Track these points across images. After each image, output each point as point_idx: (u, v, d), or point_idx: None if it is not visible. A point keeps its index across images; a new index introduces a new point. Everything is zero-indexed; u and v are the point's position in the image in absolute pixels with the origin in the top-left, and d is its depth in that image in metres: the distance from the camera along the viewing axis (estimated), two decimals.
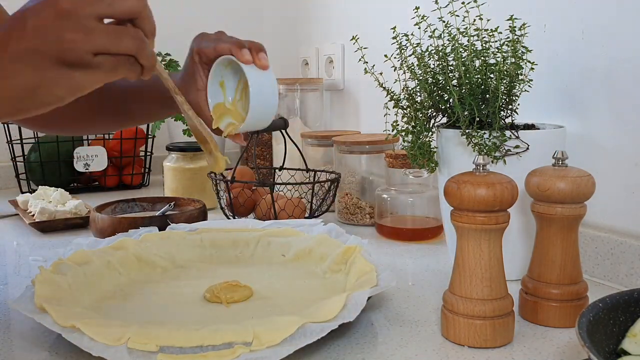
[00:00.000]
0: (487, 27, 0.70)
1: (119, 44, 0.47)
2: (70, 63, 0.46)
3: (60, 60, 0.45)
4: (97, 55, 0.46)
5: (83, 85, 0.47)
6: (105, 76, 0.47)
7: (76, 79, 0.46)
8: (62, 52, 0.45)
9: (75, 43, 0.45)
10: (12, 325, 0.62)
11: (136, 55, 0.48)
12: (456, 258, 0.57)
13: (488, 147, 0.68)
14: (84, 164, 1.36)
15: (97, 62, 0.46)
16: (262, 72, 0.62)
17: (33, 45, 0.45)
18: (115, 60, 0.47)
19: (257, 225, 0.85)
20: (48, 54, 0.45)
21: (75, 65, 0.46)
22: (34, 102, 0.47)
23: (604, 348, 0.47)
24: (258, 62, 0.61)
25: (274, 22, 1.71)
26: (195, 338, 0.50)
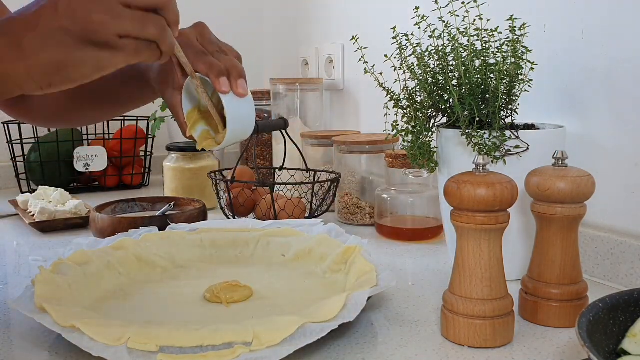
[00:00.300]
0: (487, 27, 0.70)
1: (143, 30, 0.49)
2: (96, 43, 0.49)
3: (88, 40, 0.48)
4: (122, 38, 0.49)
5: (107, 65, 0.50)
6: (128, 58, 0.50)
7: (101, 58, 0.49)
8: (90, 32, 0.48)
9: (102, 25, 0.48)
10: (12, 325, 0.62)
11: (158, 42, 0.51)
12: (456, 258, 0.57)
13: (488, 147, 0.68)
14: (84, 164, 1.36)
15: (122, 44, 0.49)
16: (240, 101, 0.61)
17: (63, 25, 0.48)
18: (138, 44, 0.50)
19: (257, 225, 0.85)
20: (77, 34, 0.48)
21: (101, 46, 0.49)
22: (62, 78, 0.50)
23: (604, 348, 0.47)
24: (236, 90, 0.60)
25: (274, 22, 1.71)
26: (195, 338, 0.50)
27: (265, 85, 1.42)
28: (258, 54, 1.73)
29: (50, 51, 0.48)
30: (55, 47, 0.48)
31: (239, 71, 0.61)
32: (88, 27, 0.48)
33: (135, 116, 1.45)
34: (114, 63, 0.50)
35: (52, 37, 0.48)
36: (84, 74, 0.50)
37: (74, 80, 0.50)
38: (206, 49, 0.63)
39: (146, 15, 0.50)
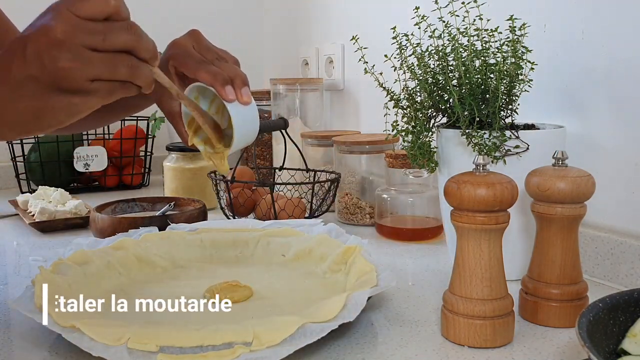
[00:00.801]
0: (487, 27, 0.70)
1: (114, 72, 0.48)
2: (68, 90, 0.47)
3: (58, 87, 0.47)
4: (93, 82, 0.48)
5: (82, 110, 0.49)
6: (102, 100, 0.49)
7: (74, 104, 0.48)
8: (59, 80, 0.47)
9: (70, 72, 0.46)
10: (12, 325, 0.62)
11: (131, 81, 0.50)
12: (456, 258, 0.57)
13: (488, 147, 0.68)
14: (84, 164, 1.36)
15: (94, 88, 0.48)
16: (245, 108, 0.61)
17: (32, 74, 0.47)
18: (111, 86, 0.49)
19: (257, 225, 0.85)
20: (46, 82, 0.47)
21: (73, 92, 0.48)
22: (38, 126, 0.50)
23: (604, 348, 0.47)
24: (241, 98, 0.60)
25: (274, 22, 1.71)
26: (195, 338, 0.50)
27: (265, 85, 1.42)
28: (258, 54, 1.73)
29: (23, 101, 0.48)
30: (26, 97, 0.47)
31: (242, 79, 0.61)
32: (57, 74, 0.46)
33: (135, 116, 1.45)
34: (89, 107, 0.49)
35: (23, 87, 0.47)
36: (59, 120, 0.49)
37: (50, 126, 0.50)
38: (205, 57, 0.62)
39: (115, 56, 0.48)
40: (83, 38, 0.46)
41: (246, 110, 0.61)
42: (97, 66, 0.47)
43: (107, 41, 0.47)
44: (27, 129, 0.50)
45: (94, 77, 0.47)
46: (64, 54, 0.46)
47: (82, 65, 0.46)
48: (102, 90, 0.48)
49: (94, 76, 0.47)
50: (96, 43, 0.47)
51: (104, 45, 0.47)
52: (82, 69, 0.47)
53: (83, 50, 0.46)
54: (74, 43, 0.46)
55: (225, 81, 0.59)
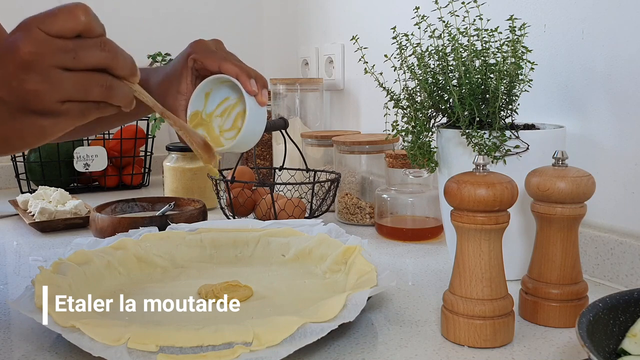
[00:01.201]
0: (487, 27, 0.70)
1: (86, 93, 0.45)
2: (37, 112, 0.45)
3: (27, 109, 0.44)
4: (65, 103, 0.45)
5: (52, 132, 0.47)
6: (74, 121, 0.46)
7: (44, 126, 0.46)
8: (27, 102, 0.44)
9: (39, 94, 0.44)
10: (12, 325, 0.62)
11: (106, 101, 0.47)
12: (456, 258, 0.57)
13: (488, 147, 0.68)
14: (84, 164, 1.36)
15: (65, 109, 0.45)
16: (260, 108, 0.62)
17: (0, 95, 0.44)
18: (84, 107, 0.46)
19: (257, 225, 0.85)
20: (15, 104, 0.44)
21: (42, 114, 0.45)
22: (6, 149, 0.48)
23: (604, 348, 0.47)
24: (260, 98, 0.61)
25: (274, 22, 1.71)
26: (195, 338, 0.50)
27: None
28: (258, 54, 1.73)
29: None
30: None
31: (264, 81, 0.62)
32: (25, 97, 0.44)
33: None
34: (59, 129, 0.46)
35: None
36: (28, 143, 0.47)
37: (19, 148, 0.48)
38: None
39: (88, 76, 0.45)
40: (52, 58, 0.43)
41: (260, 110, 0.62)
42: (68, 87, 0.44)
43: (78, 60, 0.44)
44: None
45: (65, 99, 0.45)
46: (32, 76, 0.43)
47: (51, 87, 0.44)
48: (73, 111, 0.45)
49: (64, 98, 0.44)
50: (67, 62, 0.44)
51: (75, 64, 0.44)
52: (52, 91, 0.44)
53: (53, 70, 0.44)
54: (43, 63, 0.43)
55: (249, 76, 0.60)
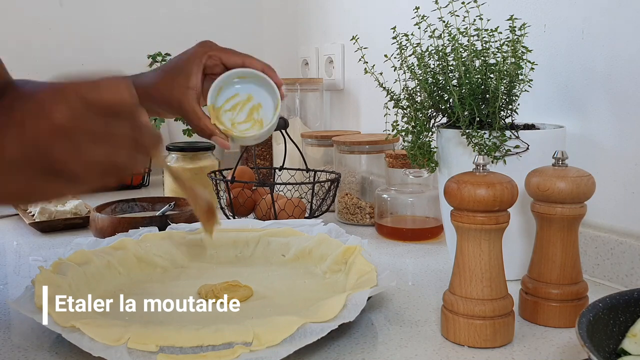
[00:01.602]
0: (487, 27, 0.70)
1: (111, 166, 0.46)
2: (59, 175, 0.45)
3: (51, 172, 0.45)
4: (88, 171, 0.46)
5: (69, 193, 0.48)
6: (93, 188, 0.47)
7: (63, 188, 0.46)
8: (52, 166, 0.44)
9: (66, 162, 0.44)
10: (12, 325, 0.62)
11: (127, 172, 0.48)
12: (456, 258, 0.57)
13: (488, 147, 0.68)
14: None
15: (86, 177, 0.46)
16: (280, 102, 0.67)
17: (26, 155, 0.44)
18: (105, 176, 0.47)
19: (257, 225, 0.85)
20: (40, 166, 0.44)
21: (64, 178, 0.45)
22: (26, 202, 0.50)
23: (604, 348, 0.47)
24: (282, 91, 0.66)
25: (274, 22, 1.71)
26: (195, 338, 0.50)
27: None
28: (258, 54, 1.72)
29: (14, 182, 0.45)
30: (18, 177, 0.45)
31: (280, 80, 0.67)
32: (50, 161, 0.44)
33: None
34: (78, 192, 0.48)
35: (16, 165, 0.44)
36: (47, 200, 0.49)
37: (35, 203, 0.50)
38: None
39: (116, 150, 0.46)
40: (86, 130, 0.44)
41: (281, 104, 0.67)
42: (95, 158, 0.45)
43: (110, 137, 0.45)
44: (16, 203, 0.50)
45: (90, 169, 0.45)
46: (63, 144, 0.43)
47: (78, 157, 0.44)
48: (94, 179, 0.46)
49: (89, 167, 0.45)
50: (99, 138, 0.45)
51: (106, 140, 0.45)
52: (78, 160, 0.44)
53: (84, 142, 0.44)
54: (76, 134, 0.44)
55: (272, 70, 0.66)
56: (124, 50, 1.55)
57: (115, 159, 0.46)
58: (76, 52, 1.52)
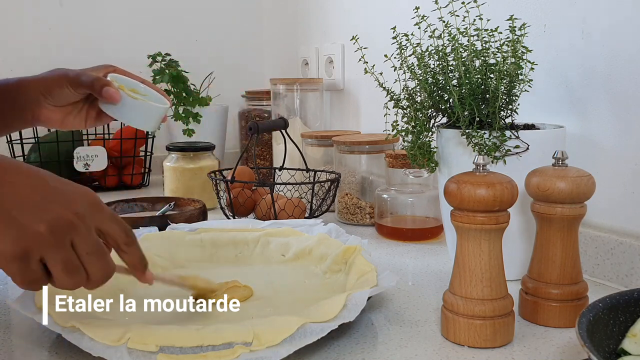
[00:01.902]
0: (487, 27, 0.70)
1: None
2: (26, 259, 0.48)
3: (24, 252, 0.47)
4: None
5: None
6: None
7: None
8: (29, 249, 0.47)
9: (46, 254, 0.47)
10: (12, 325, 0.62)
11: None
12: (456, 258, 0.57)
13: (488, 147, 0.68)
14: (84, 164, 1.36)
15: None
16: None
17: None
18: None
19: (257, 225, 0.85)
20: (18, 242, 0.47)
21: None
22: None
23: (604, 348, 0.47)
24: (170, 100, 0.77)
25: (274, 22, 1.71)
26: (195, 338, 0.50)
27: (265, 85, 1.42)
28: (258, 54, 1.73)
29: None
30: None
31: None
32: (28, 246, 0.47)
33: None
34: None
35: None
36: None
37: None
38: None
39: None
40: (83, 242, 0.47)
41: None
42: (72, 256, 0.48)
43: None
44: None
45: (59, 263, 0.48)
46: (52, 237, 0.46)
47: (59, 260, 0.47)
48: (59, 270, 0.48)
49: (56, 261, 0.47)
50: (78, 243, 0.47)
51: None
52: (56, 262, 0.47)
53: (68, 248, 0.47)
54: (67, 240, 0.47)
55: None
56: (124, 50, 1.55)
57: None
58: (76, 52, 1.52)
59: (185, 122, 1.35)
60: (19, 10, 1.47)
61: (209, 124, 1.41)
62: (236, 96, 1.59)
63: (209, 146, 1.20)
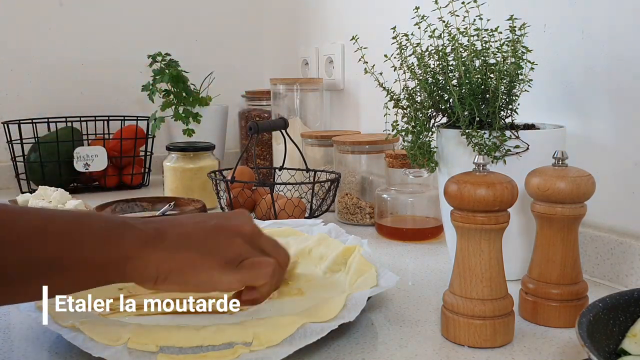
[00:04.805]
0: (487, 27, 0.70)
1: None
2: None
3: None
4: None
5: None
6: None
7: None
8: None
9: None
10: (12, 325, 0.62)
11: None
12: (456, 258, 0.57)
13: (488, 147, 0.68)
14: (84, 164, 1.36)
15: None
16: None
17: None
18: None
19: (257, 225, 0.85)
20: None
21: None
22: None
23: (604, 348, 0.47)
24: None
25: (274, 22, 1.71)
26: (195, 338, 0.50)
27: (265, 85, 1.42)
28: (258, 54, 1.73)
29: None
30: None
31: None
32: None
33: (135, 116, 1.45)
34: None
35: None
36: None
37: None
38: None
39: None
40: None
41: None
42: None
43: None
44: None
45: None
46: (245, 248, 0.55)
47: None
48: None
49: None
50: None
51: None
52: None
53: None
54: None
55: None
56: (124, 50, 1.55)
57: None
58: (76, 52, 1.52)
59: (185, 122, 1.35)
60: (19, 10, 1.47)
61: (209, 124, 1.41)
62: (236, 96, 1.59)
63: (209, 146, 1.20)
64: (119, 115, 1.48)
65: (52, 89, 1.50)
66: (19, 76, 1.46)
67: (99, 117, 1.47)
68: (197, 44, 1.63)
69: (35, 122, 1.35)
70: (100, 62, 1.54)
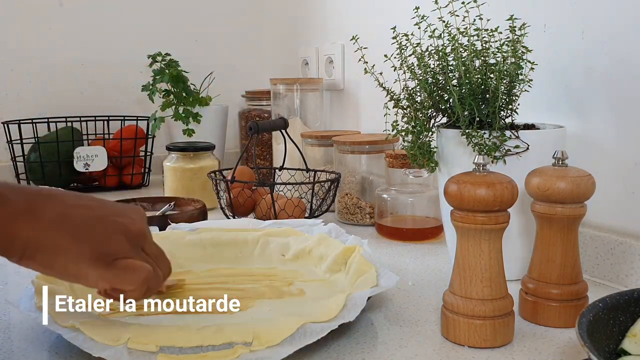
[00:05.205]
0: (487, 27, 0.70)
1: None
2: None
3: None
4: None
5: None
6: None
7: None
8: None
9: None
10: (12, 325, 0.62)
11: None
12: (456, 258, 0.57)
13: (488, 147, 0.68)
14: (84, 164, 1.36)
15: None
16: None
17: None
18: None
19: (257, 225, 0.85)
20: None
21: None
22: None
23: (604, 348, 0.47)
24: None
25: (274, 22, 1.71)
26: (195, 338, 0.50)
27: (265, 85, 1.42)
28: (258, 54, 1.73)
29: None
30: None
31: None
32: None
33: (135, 116, 1.45)
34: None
35: None
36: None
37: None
38: None
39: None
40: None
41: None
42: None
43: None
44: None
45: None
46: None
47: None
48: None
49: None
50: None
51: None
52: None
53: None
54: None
55: None
56: (124, 50, 1.55)
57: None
58: (76, 52, 1.52)
59: (185, 122, 1.35)
60: (19, 10, 1.47)
61: (209, 124, 1.41)
62: (236, 96, 1.59)
63: (209, 146, 1.20)
64: (119, 115, 1.48)
65: (52, 89, 1.50)
66: (19, 76, 1.46)
67: (99, 117, 1.47)
68: (197, 44, 1.63)
69: (35, 122, 1.35)
70: (100, 62, 1.54)
